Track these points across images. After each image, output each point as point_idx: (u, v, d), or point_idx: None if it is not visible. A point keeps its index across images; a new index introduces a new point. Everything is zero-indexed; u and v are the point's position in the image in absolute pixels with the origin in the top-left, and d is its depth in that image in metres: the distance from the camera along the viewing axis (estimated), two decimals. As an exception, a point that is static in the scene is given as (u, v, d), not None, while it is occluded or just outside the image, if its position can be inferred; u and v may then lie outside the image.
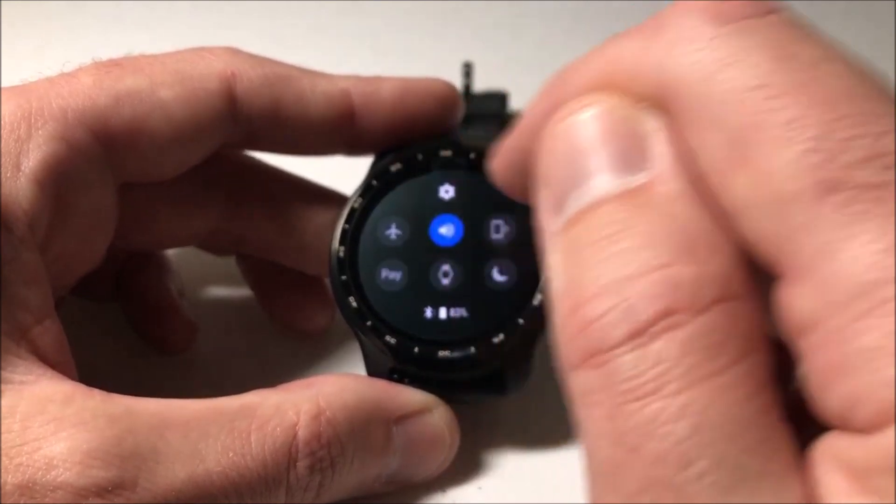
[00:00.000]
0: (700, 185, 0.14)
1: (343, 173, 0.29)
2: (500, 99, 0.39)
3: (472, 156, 0.26)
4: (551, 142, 0.16)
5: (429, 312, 0.25)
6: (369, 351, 0.26)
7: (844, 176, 0.12)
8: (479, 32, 0.47)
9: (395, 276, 0.25)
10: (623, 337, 0.13)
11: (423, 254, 0.26)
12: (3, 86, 0.23)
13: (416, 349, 0.25)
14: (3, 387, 0.19)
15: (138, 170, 0.25)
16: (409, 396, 0.24)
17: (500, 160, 0.20)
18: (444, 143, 0.27)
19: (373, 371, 0.26)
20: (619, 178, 0.15)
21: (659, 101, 0.15)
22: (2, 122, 0.22)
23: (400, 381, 0.25)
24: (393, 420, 0.23)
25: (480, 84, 0.39)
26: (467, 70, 0.38)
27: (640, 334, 0.13)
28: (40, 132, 0.22)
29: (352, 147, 0.28)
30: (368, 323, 0.25)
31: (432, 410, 0.24)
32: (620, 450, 0.13)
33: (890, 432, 0.12)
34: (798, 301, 0.13)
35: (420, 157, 0.27)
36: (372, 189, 0.26)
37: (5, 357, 0.20)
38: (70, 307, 0.28)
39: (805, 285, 0.13)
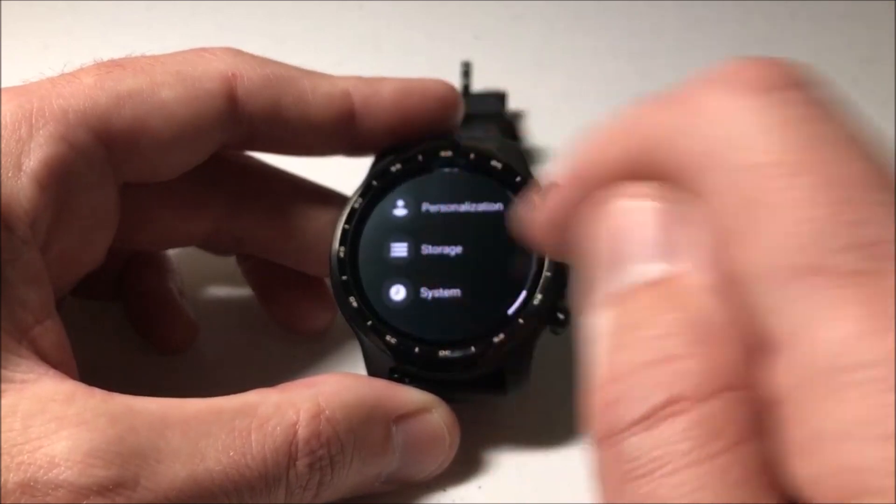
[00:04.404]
0: (728, 272, 0.15)
1: (343, 173, 0.29)
2: (498, 98, 0.39)
3: (472, 156, 0.26)
4: (595, 225, 0.17)
5: (429, 311, 0.25)
6: (369, 351, 0.26)
7: (831, 260, 0.13)
8: (479, 32, 0.48)
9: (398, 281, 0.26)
10: (633, 420, 0.14)
11: (424, 254, 0.26)
12: (4, 86, 0.23)
13: (417, 349, 0.25)
14: (4, 386, 0.19)
15: (139, 170, 0.25)
16: (409, 396, 0.24)
17: (539, 227, 0.20)
18: (445, 144, 0.27)
19: (373, 371, 0.26)
20: (654, 266, 0.16)
21: (688, 176, 0.16)
22: (3, 122, 0.22)
23: (400, 380, 0.25)
24: (392, 419, 0.23)
25: (479, 84, 0.39)
26: (466, 69, 0.39)
27: (647, 418, 0.14)
28: (41, 132, 0.22)
29: (352, 148, 0.28)
30: (369, 323, 0.25)
31: (432, 410, 0.24)
32: None
33: None
34: (774, 374, 0.14)
35: (420, 157, 0.27)
36: (372, 189, 0.26)
37: (6, 356, 0.20)
38: (71, 307, 0.28)
39: (781, 359, 0.14)
